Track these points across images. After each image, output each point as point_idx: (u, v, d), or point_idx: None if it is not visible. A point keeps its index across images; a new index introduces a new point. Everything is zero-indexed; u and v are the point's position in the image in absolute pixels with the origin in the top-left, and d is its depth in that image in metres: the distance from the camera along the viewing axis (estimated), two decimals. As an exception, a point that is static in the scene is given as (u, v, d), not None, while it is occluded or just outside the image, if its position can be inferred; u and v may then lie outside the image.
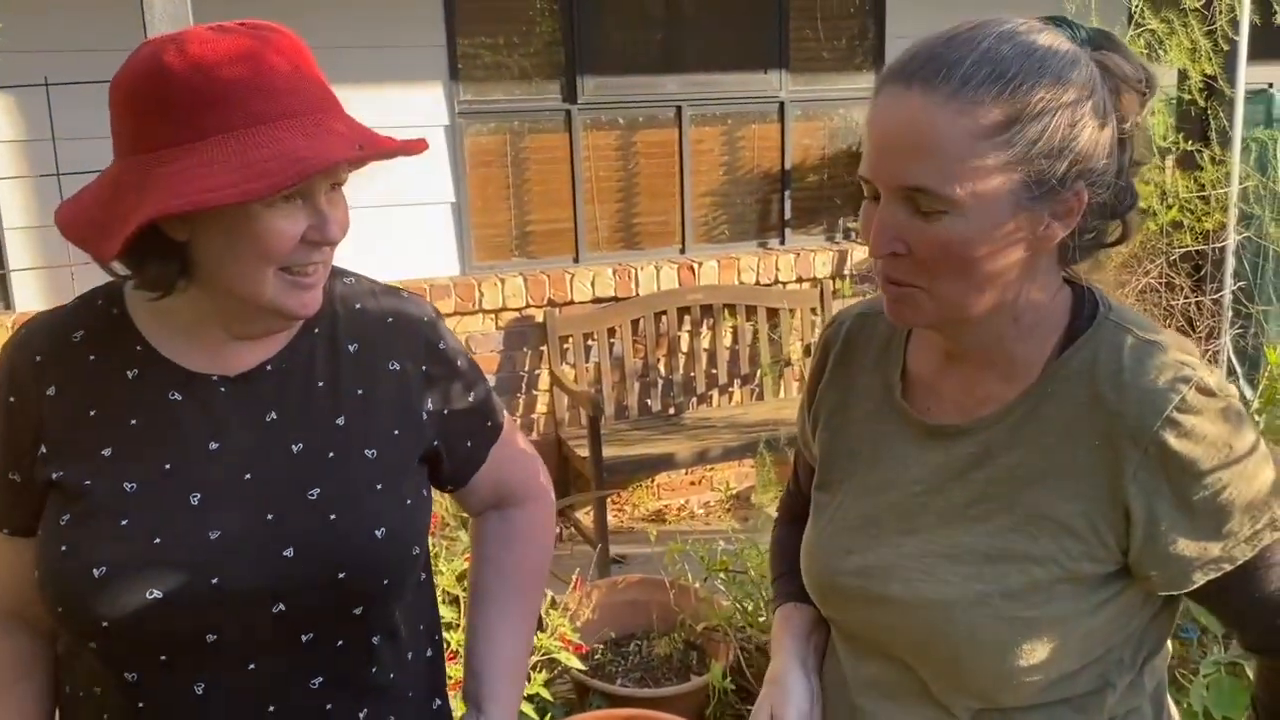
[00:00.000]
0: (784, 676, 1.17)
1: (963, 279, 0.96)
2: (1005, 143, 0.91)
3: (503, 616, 1.32)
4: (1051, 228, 0.96)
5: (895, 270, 0.98)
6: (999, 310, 1.00)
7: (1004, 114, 0.91)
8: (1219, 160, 4.24)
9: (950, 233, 0.93)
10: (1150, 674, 1.10)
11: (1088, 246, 1.03)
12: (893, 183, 0.94)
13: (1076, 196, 0.95)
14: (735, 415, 4.72)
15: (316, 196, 1.04)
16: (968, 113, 0.90)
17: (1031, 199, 0.93)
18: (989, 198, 0.92)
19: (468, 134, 4.42)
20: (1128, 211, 1.01)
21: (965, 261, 0.95)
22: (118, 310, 1.13)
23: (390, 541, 1.11)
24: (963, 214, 0.92)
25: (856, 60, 5.03)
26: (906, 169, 0.93)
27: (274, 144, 0.98)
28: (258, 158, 0.97)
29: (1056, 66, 0.93)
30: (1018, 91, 0.91)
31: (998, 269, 0.96)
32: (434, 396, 1.21)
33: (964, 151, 0.91)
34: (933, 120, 0.91)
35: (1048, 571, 1.00)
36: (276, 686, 1.09)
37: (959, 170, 0.91)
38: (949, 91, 0.91)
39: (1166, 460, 0.95)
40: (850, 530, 1.12)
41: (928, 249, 0.95)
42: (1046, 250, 0.99)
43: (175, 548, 1.04)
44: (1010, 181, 0.92)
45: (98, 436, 1.08)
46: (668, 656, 3.09)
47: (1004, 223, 0.93)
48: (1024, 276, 0.99)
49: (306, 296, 1.07)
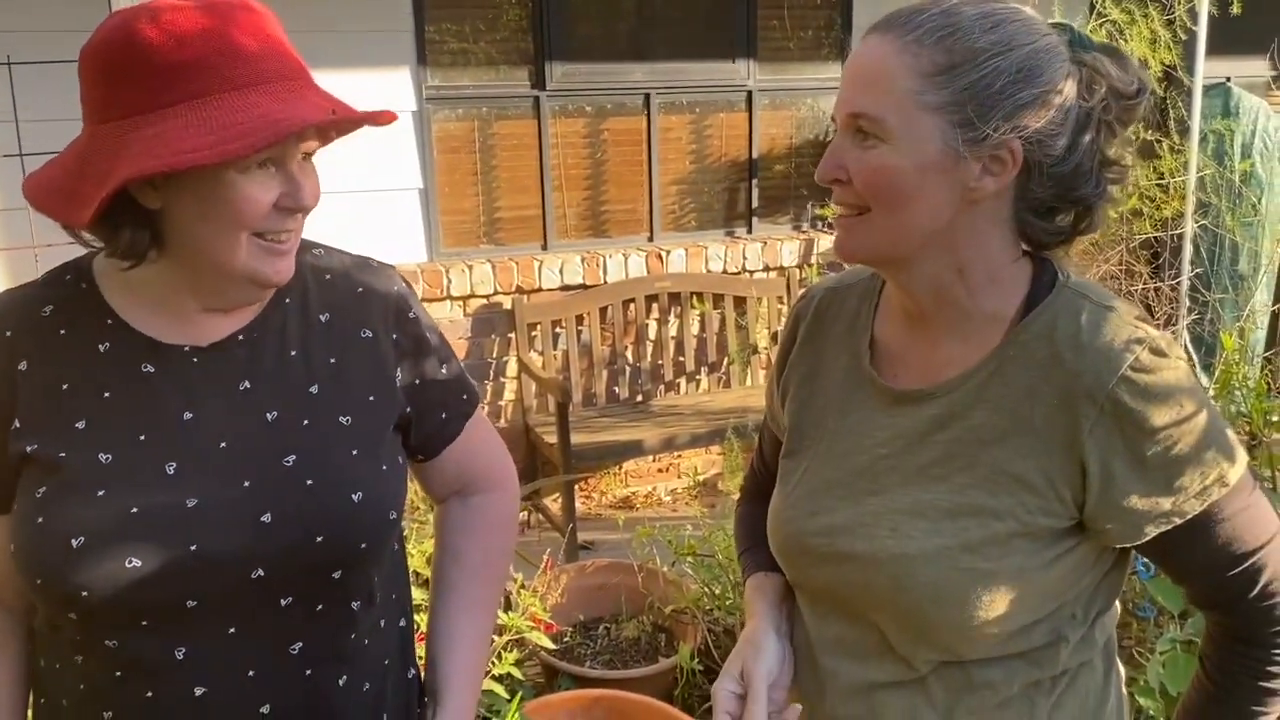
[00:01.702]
0: (756, 637, 1.20)
1: (894, 210, 1.03)
2: (941, 83, 1.00)
3: (463, 608, 1.32)
4: (983, 180, 1.02)
5: (840, 196, 1.06)
6: (938, 259, 1.06)
7: (946, 59, 1.00)
8: (1178, 149, 4.31)
9: (883, 159, 1.02)
10: (1101, 629, 1.14)
11: (1054, 231, 1.08)
12: (842, 111, 1.05)
13: (1010, 151, 1.01)
14: (702, 402, 4.75)
15: (289, 163, 1.05)
16: (912, 52, 1.00)
17: (960, 141, 1.00)
18: (920, 131, 1.00)
19: (435, 120, 4.40)
20: (1093, 200, 1.06)
21: (895, 190, 1.02)
22: (86, 284, 1.13)
23: (367, 505, 1.12)
24: (894, 144, 1.01)
25: (823, 50, 5.05)
26: (854, 98, 1.04)
27: (249, 108, 0.99)
28: (233, 120, 0.97)
29: (1011, 32, 1.01)
30: (963, 41, 1.00)
31: (927, 206, 1.03)
32: (406, 366, 1.22)
33: (903, 84, 1.00)
34: (884, 56, 1.02)
35: (1006, 525, 1.04)
36: (256, 652, 1.10)
37: (895, 101, 1.00)
38: (902, 34, 1.01)
39: (1121, 417, 1.00)
40: (816, 493, 1.16)
41: (862, 175, 1.03)
42: (987, 207, 1.05)
43: (153, 516, 1.05)
44: (942, 120, 1.00)
45: (71, 409, 1.08)
46: (636, 639, 3.11)
47: (932, 158, 1.01)
48: (965, 231, 1.05)
49: (280, 263, 1.08)
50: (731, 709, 1.16)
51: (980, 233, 1.05)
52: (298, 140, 1.04)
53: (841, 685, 1.15)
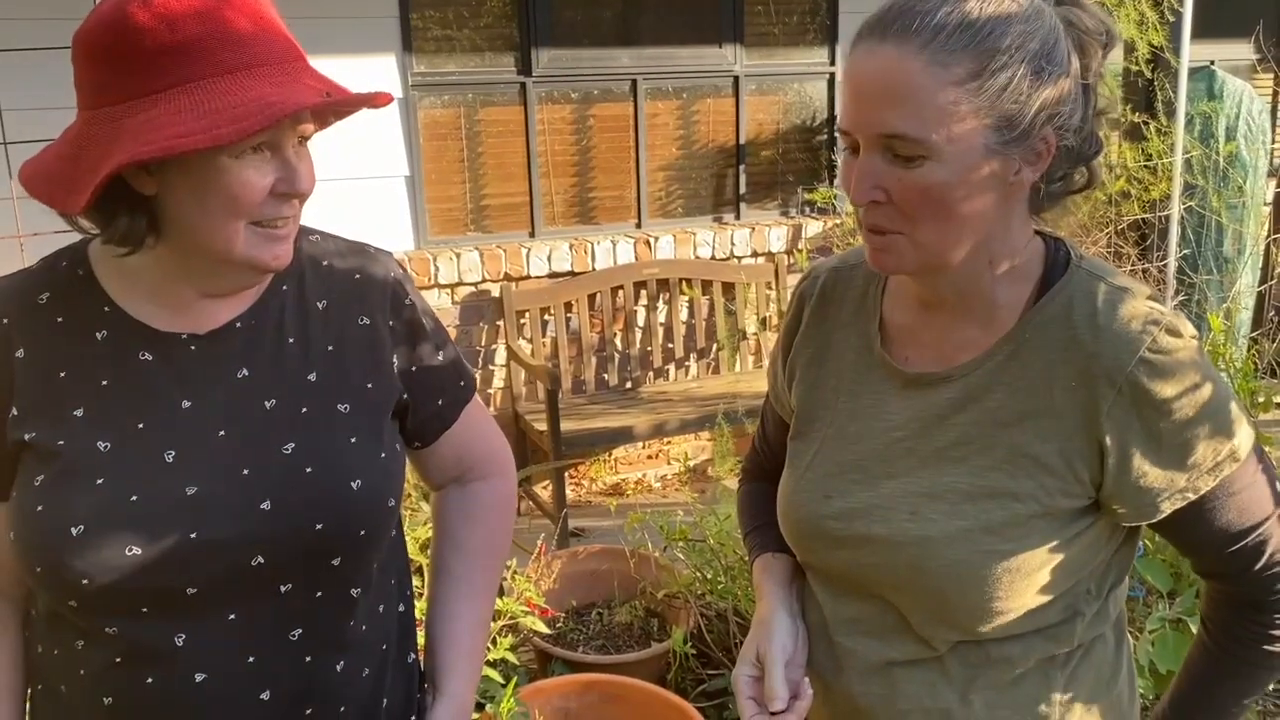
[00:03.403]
0: (769, 617, 1.20)
1: (942, 223, 1.00)
2: (976, 90, 0.96)
3: (463, 595, 1.32)
4: (1022, 173, 1.01)
5: (877, 218, 1.02)
6: (975, 256, 1.05)
7: (974, 63, 0.96)
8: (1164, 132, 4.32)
9: (929, 178, 0.98)
10: (1114, 602, 1.16)
11: (1056, 194, 1.08)
12: (871, 132, 0.99)
13: (1045, 141, 1.00)
14: (692, 389, 4.75)
15: (284, 148, 1.04)
16: (940, 62, 0.95)
17: (1002, 143, 0.98)
18: (963, 142, 0.97)
19: (421, 106, 4.38)
20: (1094, 157, 1.06)
21: (944, 205, 0.99)
22: (83, 271, 1.12)
23: (366, 493, 1.12)
24: (940, 159, 0.97)
25: (810, 35, 5.04)
26: (884, 118, 0.97)
27: (242, 91, 0.98)
28: (227, 104, 0.97)
29: (1021, 17, 0.98)
30: (986, 41, 0.96)
31: (974, 212, 1.00)
32: (402, 352, 1.21)
33: (938, 99, 0.95)
34: (907, 70, 0.96)
35: (1026, 507, 1.05)
36: (256, 637, 1.10)
37: (934, 116, 0.96)
38: (921, 43, 0.96)
39: (1139, 397, 1.01)
40: (830, 476, 1.16)
41: (907, 194, 0.99)
42: (1018, 195, 1.04)
43: (153, 504, 1.05)
44: (982, 126, 0.97)
45: (69, 397, 1.07)
46: (629, 624, 3.12)
47: (978, 166, 0.98)
48: (998, 223, 1.04)
49: (279, 249, 1.07)
50: (754, 693, 1.16)
51: (1008, 217, 1.05)
52: (293, 124, 1.03)
53: (859, 664, 1.15)
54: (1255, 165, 5.22)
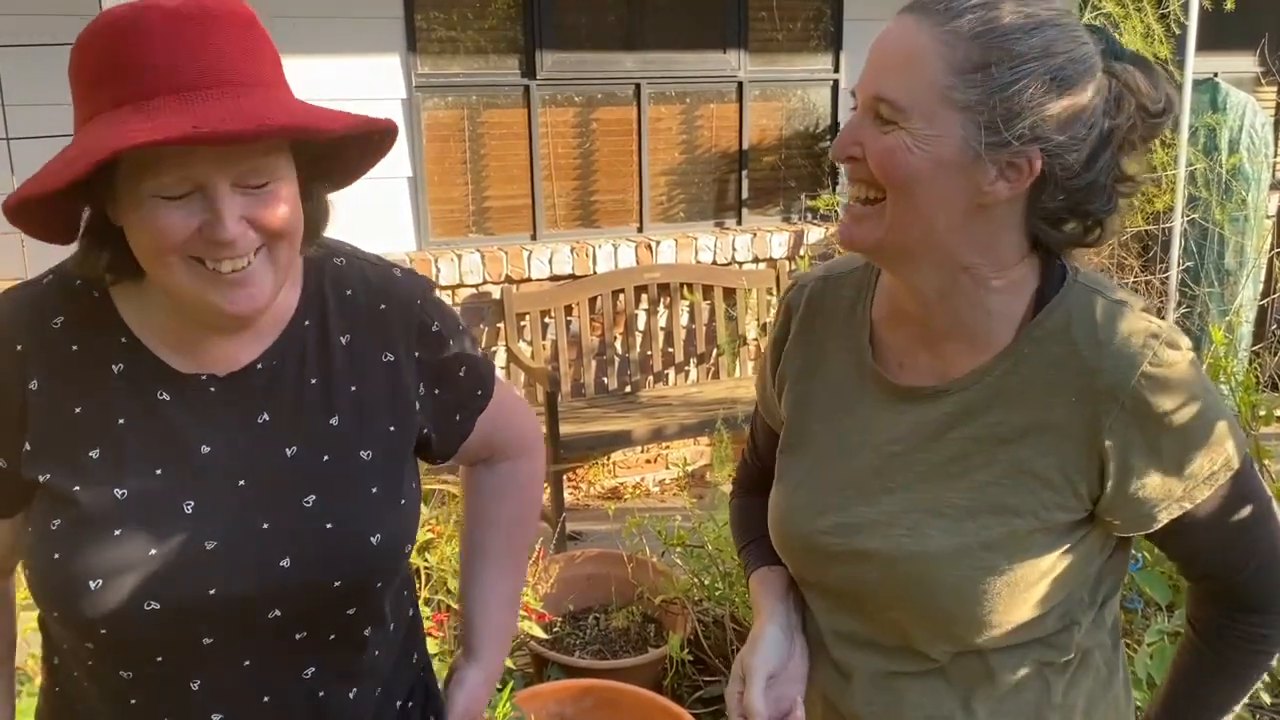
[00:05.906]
0: (758, 632, 1.20)
1: (904, 200, 1.01)
2: (973, 82, 0.97)
3: (497, 571, 1.36)
4: (997, 185, 1.00)
5: (855, 174, 1.04)
6: (942, 257, 1.04)
7: (981, 56, 0.97)
8: (1168, 143, 4.31)
9: (896, 142, 0.99)
10: (1109, 609, 1.17)
11: (1059, 240, 1.07)
12: (866, 93, 1.01)
13: (1028, 160, 0.99)
14: (691, 393, 4.74)
15: (212, 191, 0.95)
16: (948, 42, 0.97)
17: (981, 143, 0.98)
18: (941, 127, 0.98)
19: (425, 108, 4.38)
20: (1104, 214, 1.06)
21: (907, 179, 1.00)
22: (98, 294, 1.07)
23: (385, 545, 1.10)
24: (910, 131, 0.98)
25: (814, 42, 5.04)
26: (879, 79, 1.01)
27: (101, 130, 0.92)
28: (83, 146, 0.92)
29: (1051, 38, 0.98)
30: (1001, 41, 0.97)
31: (937, 201, 1.00)
32: (425, 379, 1.18)
33: (933, 75, 0.97)
34: (917, 42, 0.98)
35: (1025, 523, 1.05)
36: (270, 679, 1.09)
37: (922, 90, 0.98)
38: (939, 21, 0.98)
39: (1142, 411, 1.02)
40: (824, 491, 1.15)
41: (876, 155, 1.01)
42: (997, 213, 1.03)
43: (171, 560, 1.02)
44: (964, 119, 0.98)
45: (84, 437, 1.04)
46: (625, 629, 3.11)
47: (949, 155, 0.98)
48: (974, 233, 1.03)
49: (235, 294, 0.99)
50: (743, 709, 1.15)
51: (988, 236, 1.04)
52: (219, 165, 0.94)
53: (861, 677, 1.15)
54: (1258, 178, 5.22)
